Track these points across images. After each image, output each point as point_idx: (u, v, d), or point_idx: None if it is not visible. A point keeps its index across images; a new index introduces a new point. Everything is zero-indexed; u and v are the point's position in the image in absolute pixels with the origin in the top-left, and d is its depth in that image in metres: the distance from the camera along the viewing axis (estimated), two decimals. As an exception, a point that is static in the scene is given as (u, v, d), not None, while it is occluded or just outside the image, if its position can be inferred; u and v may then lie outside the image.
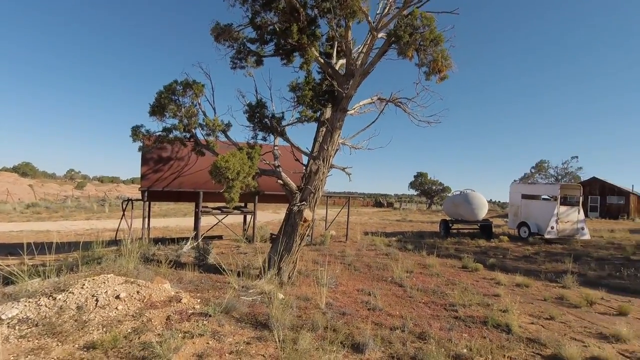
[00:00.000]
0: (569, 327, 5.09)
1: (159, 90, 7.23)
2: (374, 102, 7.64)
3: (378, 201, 55.43)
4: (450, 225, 16.66)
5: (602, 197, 36.37)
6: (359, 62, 6.84)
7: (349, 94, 6.74)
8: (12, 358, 3.49)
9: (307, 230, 6.80)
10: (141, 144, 8.42)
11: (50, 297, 4.63)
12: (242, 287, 5.93)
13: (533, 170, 48.01)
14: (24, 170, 60.75)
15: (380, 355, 3.88)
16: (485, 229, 16.14)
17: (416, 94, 7.03)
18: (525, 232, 15.26)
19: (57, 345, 3.76)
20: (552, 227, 14.06)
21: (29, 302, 4.57)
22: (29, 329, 4.05)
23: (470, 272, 8.62)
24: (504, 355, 3.99)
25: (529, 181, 42.70)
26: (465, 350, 3.99)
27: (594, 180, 37.19)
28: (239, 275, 6.49)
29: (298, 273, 7.18)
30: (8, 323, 4.15)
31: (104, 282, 5.03)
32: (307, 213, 6.64)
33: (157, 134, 7.78)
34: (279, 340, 3.84)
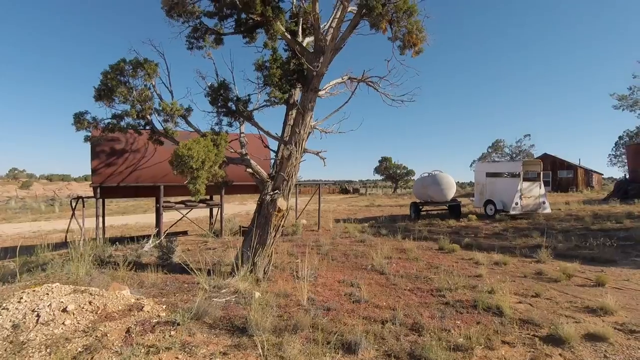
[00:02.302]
0: (556, 303, 5.03)
1: (105, 70, 6.31)
2: (344, 82, 7.19)
3: (344, 188, 55.71)
4: (421, 207, 16.80)
5: (553, 172, 38.71)
6: (329, 38, 6.33)
7: (320, 72, 6.24)
8: None
9: (281, 221, 6.32)
10: (88, 135, 7.43)
11: (-21, 316, 3.86)
12: (214, 287, 5.37)
13: (490, 150, 50.30)
14: (-43, 171, 54.79)
15: (375, 354, 3.53)
16: (454, 209, 16.43)
17: (388, 72, 6.69)
18: (491, 209, 15.69)
19: (-13, 375, 3.08)
20: (517, 203, 14.52)
21: (-50, 324, 3.78)
22: (-50, 358, 3.31)
23: (447, 254, 8.56)
24: (502, 340, 3.79)
25: (487, 160, 44.61)
26: (462, 340, 3.73)
27: (545, 156, 39.41)
28: (209, 273, 5.90)
29: (274, 267, 6.70)
30: None
31: (48, 294, 4.31)
32: (281, 202, 6.15)
33: (106, 121, 6.87)
34: (262, 348, 3.38)
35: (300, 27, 7.11)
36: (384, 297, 5.32)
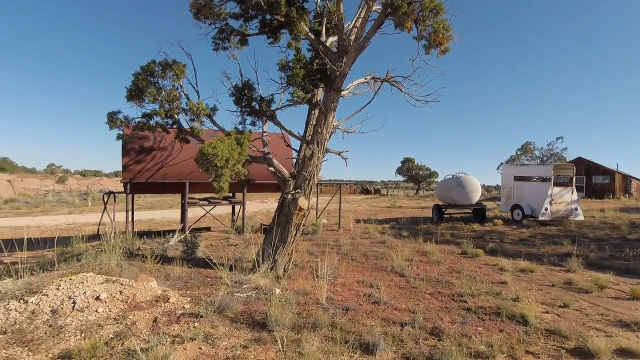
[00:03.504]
0: (586, 315, 4.84)
1: (136, 71, 6.59)
2: (367, 82, 7.17)
3: (365, 188, 55.37)
4: (444, 210, 16.48)
5: (587, 177, 36.91)
6: (352, 37, 6.34)
7: (344, 71, 6.25)
8: (-26, 373, 3.02)
9: (302, 220, 6.38)
10: (120, 132, 7.79)
11: (22, 301, 4.14)
12: (235, 282, 5.50)
13: (519, 152, 48.51)
14: (1, 166, 58.42)
15: (393, 356, 3.53)
16: (479, 213, 16.02)
17: (413, 71, 6.63)
18: (518, 214, 15.19)
19: (28, 355, 3.30)
20: (546, 209, 13.99)
21: (-3, 307, 4.07)
22: (-4, 338, 3.57)
23: (471, 259, 8.38)
24: (526, 350, 3.69)
25: (515, 163, 43.11)
26: (484, 347, 3.67)
27: (579, 160, 37.63)
28: (230, 269, 6.05)
29: (294, 265, 6.79)
30: (-29, 332, 3.66)
31: (83, 282, 4.55)
32: (302, 201, 6.21)
33: (137, 120, 7.17)
34: (281, 343, 3.45)
35: (324, 27, 7.17)
36: (404, 300, 5.29)
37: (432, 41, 5.85)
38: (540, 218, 14.03)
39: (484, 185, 63.55)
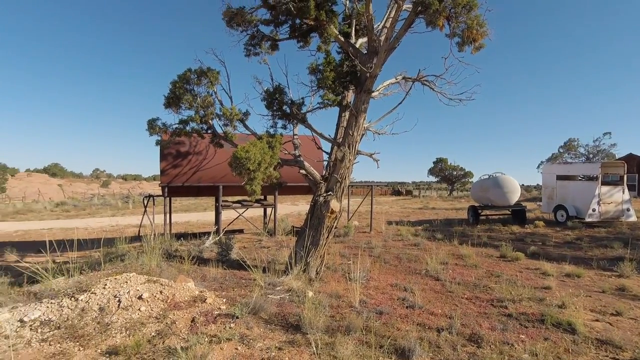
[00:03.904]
0: (642, 324, 4.48)
1: (173, 79, 6.88)
2: (398, 82, 7.06)
3: (396, 189, 54.50)
4: (480, 211, 15.88)
5: (640, 175, 34.14)
6: (382, 38, 6.27)
7: (374, 73, 6.19)
8: (32, 365, 3.26)
9: (334, 222, 6.37)
10: (159, 138, 8.16)
11: (73, 298, 4.42)
12: (269, 284, 5.58)
13: (562, 150, 45.81)
14: (53, 171, 63.04)
15: (430, 362, 3.43)
16: (518, 214, 15.29)
17: (445, 70, 6.44)
18: (562, 216, 14.34)
19: (79, 350, 3.51)
20: (594, 210, 13.11)
21: (52, 303, 4.38)
22: (51, 332, 3.84)
23: (510, 262, 8.00)
24: (575, 360, 3.47)
25: (558, 161, 40.72)
26: (527, 356, 3.48)
27: (630, 157, 34.84)
28: (264, 271, 6.15)
29: (326, 268, 6.79)
30: (30, 325, 3.97)
31: (126, 282, 4.79)
32: (334, 204, 6.20)
33: (174, 126, 7.48)
34: (315, 346, 3.45)
35: (353, 28, 7.14)
36: (440, 304, 5.14)
37: (466, 38, 5.67)
38: (587, 219, 13.16)
39: (523, 185, 60.53)
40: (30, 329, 3.88)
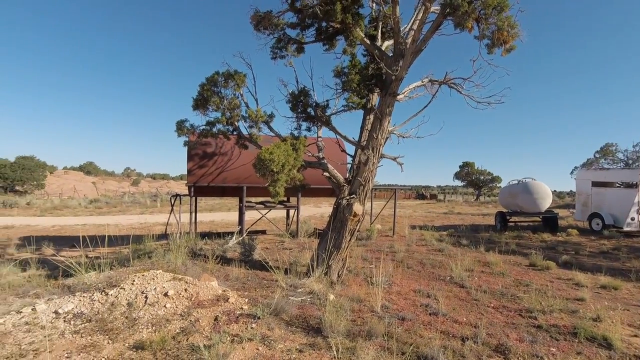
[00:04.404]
0: (687, 343, 4.18)
1: (202, 82, 7.06)
2: (424, 85, 6.94)
3: (420, 193, 53.54)
4: (508, 217, 15.34)
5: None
6: (409, 40, 6.18)
7: (400, 75, 6.11)
8: (65, 355, 3.42)
9: (357, 226, 6.33)
10: (186, 139, 8.40)
11: (103, 293, 4.60)
12: (290, 286, 5.61)
13: (597, 155, 43.54)
14: (88, 169, 66.11)
15: (454, 373, 3.34)
16: (550, 222, 14.66)
17: (473, 72, 6.28)
18: (598, 224, 13.63)
19: (108, 343, 3.65)
20: (633, 219, 12.39)
21: (84, 296, 4.57)
22: (83, 325, 4.01)
23: (540, 271, 7.67)
24: (611, 379, 3.28)
25: (594, 167, 38.75)
26: (558, 371, 3.32)
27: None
28: (285, 272, 6.18)
29: (348, 271, 6.75)
30: (64, 317, 4.15)
31: (153, 279, 4.94)
32: (357, 207, 6.17)
33: (201, 128, 7.66)
34: (336, 350, 3.43)
35: (380, 31, 7.09)
36: (464, 312, 4.99)
37: (496, 40, 5.51)
38: (626, 229, 12.45)
39: (554, 191, 58.07)
40: (64, 321, 4.07)
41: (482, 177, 46.29)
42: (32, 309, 4.24)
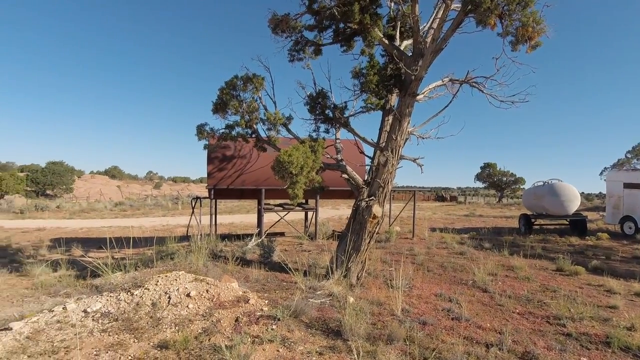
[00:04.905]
0: None
1: (221, 86, 7.18)
2: (445, 84, 6.83)
3: (440, 195, 52.65)
4: (533, 220, 14.85)
5: None
6: (428, 39, 6.10)
7: (419, 75, 6.03)
8: (94, 352, 3.52)
9: (376, 228, 6.27)
10: (206, 142, 8.55)
11: (129, 293, 4.71)
12: (309, 288, 5.60)
13: (629, 156, 41.59)
14: (113, 173, 68.36)
15: (479, 380, 3.24)
16: (578, 225, 14.09)
17: (496, 71, 6.13)
18: (630, 228, 13.01)
19: (134, 342, 3.74)
20: (669, 222, 11.75)
21: (111, 296, 4.70)
22: (110, 324, 4.12)
23: (568, 277, 7.38)
24: (648, 391, 3.10)
25: (625, 167, 37.06)
26: (590, 380, 3.17)
27: None
28: (305, 274, 6.19)
29: (367, 274, 6.69)
30: (93, 316, 4.28)
31: (176, 280, 5.03)
32: (376, 209, 6.11)
33: (220, 131, 7.78)
34: (357, 354, 3.39)
35: (398, 30, 7.02)
36: (488, 318, 4.85)
37: (520, 36, 5.36)
38: (661, 233, 11.83)
39: (582, 193, 55.93)
40: (92, 320, 4.20)
41: (505, 179, 44.97)
42: (62, 308, 4.39)
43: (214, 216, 11.27)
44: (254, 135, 7.79)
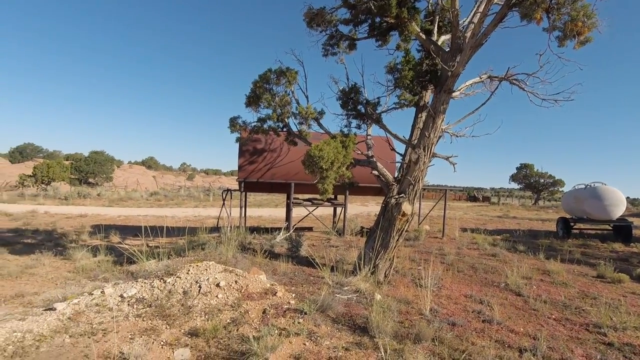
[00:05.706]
0: None
1: (254, 79, 7.27)
2: (482, 81, 6.56)
3: (472, 195, 51.04)
4: (572, 224, 14.07)
5: None
6: (468, 34, 5.87)
7: (456, 71, 5.82)
8: (129, 336, 3.71)
9: (405, 225, 6.17)
10: (239, 135, 8.71)
11: (162, 280, 4.92)
12: (336, 283, 5.61)
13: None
14: (149, 164, 71.46)
15: (511, 387, 3.13)
16: (622, 231, 13.20)
17: (539, 67, 5.81)
18: (682, 236, 12.04)
19: (166, 328, 3.89)
20: None
21: (145, 283, 4.92)
22: (144, 309, 4.32)
23: (610, 284, 6.94)
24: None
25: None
26: (635, 396, 2.98)
27: None
28: (332, 270, 6.20)
29: (395, 272, 6.61)
30: (128, 301, 4.50)
31: (206, 269, 5.19)
32: (405, 206, 6.01)
33: (253, 124, 7.90)
34: (384, 351, 3.37)
35: (436, 25, 6.83)
36: (522, 322, 4.66)
37: (569, 31, 5.06)
38: None
39: (628, 197, 52.37)
40: (128, 304, 4.42)
41: (542, 180, 42.85)
42: (101, 292, 4.65)
43: (243, 209, 11.51)
44: (285, 129, 7.85)
